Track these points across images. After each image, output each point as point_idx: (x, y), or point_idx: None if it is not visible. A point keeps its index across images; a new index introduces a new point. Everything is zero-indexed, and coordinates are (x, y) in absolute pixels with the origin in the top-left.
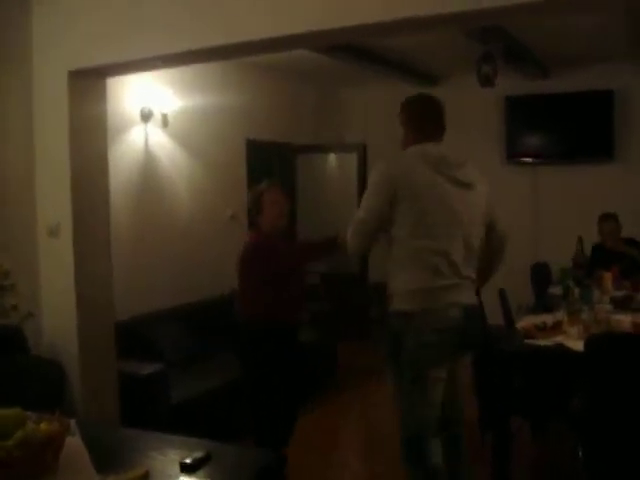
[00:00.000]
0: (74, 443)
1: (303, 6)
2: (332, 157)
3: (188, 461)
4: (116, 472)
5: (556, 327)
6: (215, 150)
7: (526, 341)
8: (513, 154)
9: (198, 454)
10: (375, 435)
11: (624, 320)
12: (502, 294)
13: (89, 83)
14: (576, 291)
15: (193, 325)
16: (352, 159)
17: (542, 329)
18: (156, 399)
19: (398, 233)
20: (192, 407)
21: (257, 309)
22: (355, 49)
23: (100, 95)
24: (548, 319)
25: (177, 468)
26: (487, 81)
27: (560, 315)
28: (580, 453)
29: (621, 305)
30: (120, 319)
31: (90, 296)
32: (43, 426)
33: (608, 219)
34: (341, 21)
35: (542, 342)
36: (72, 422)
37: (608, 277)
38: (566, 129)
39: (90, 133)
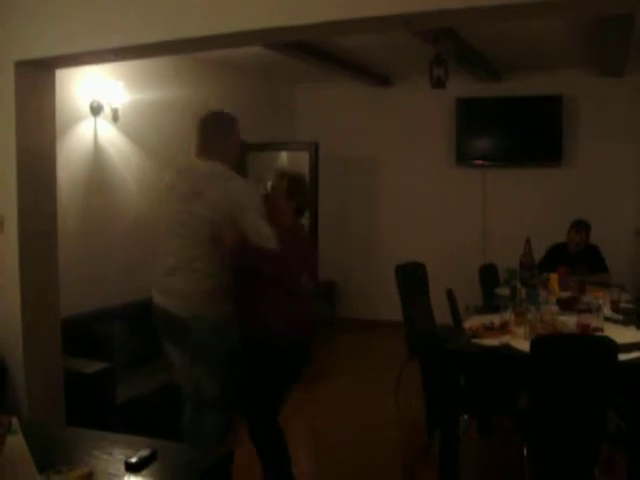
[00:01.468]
0: (15, 442)
1: (257, 3)
2: (284, 155)
3: (133, 460)
4: (59, 472)
5: (503, 327)
6: (166, 146)
7: (473, 341)
8: (463, 156)
9: (143, 453)
10: (320, 433)
11: (570, 321)
12: (450, 294)
13: (37, 74)
14: (523, 292)
15: (142, 323)
16: (304, 157)
17: (489, 329)
18: (102, 398)
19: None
20: (138, 406)
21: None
22: (310, 48)
23: (48, 87)
24: (495, 319)
25: (122, 467)
26: (439, 83)
27: (507, 315)
28: (525, 452)
29: (567, 306)
30: (67, 315)
31: (36, 292)
32: None
33: (581, 229)
34: (295, 19)
35: (489, 342)
36: (14, 420)
37: (555, 278)
38: (516, 132)
39: (37, 126)
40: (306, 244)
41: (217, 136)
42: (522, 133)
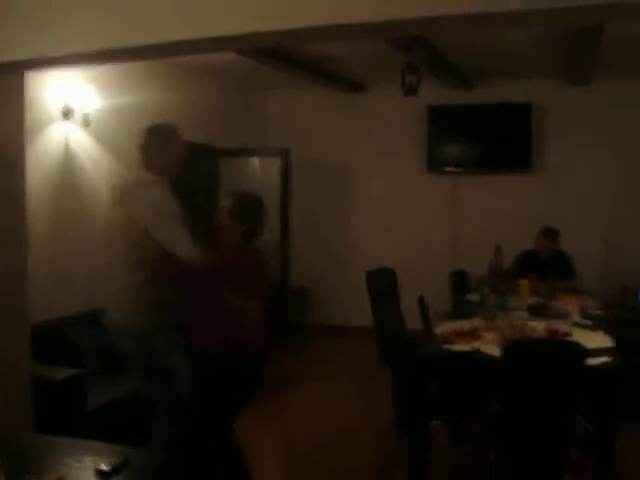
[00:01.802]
0: None
1: (231, 8)
2: (255, 161)
3: (104, 468)
4: None
5: (473, 333)
6: (137, 151)
7: (444, 346)
8: (434, 163)
9: (114, 460)
10: (294, 436)
11: (539, 326)
12: (421, 300)
13: (4, 78)
14: (492, 298)
15: None
16: (275, 163)
17: (460, 335)
18: (72, 405)
19: None
20: (109, 412)
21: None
22: (282, 54)
23: (17, 91)
24: (465, 325)
25: (92, 475)
26: (411, 90)
27: (477, 321)
28: (493, 456)
29: (536, 312)
30: (37, 321)
31: (4, 297)
32: None
33: (550, 235)
34: (269, 25)
35: (460, 347)
36: None
37: (524, 285)
38: (486, 140)
39: (6, 130)
40: (251, 268)
41: (153, 150)
42: (492, 140)
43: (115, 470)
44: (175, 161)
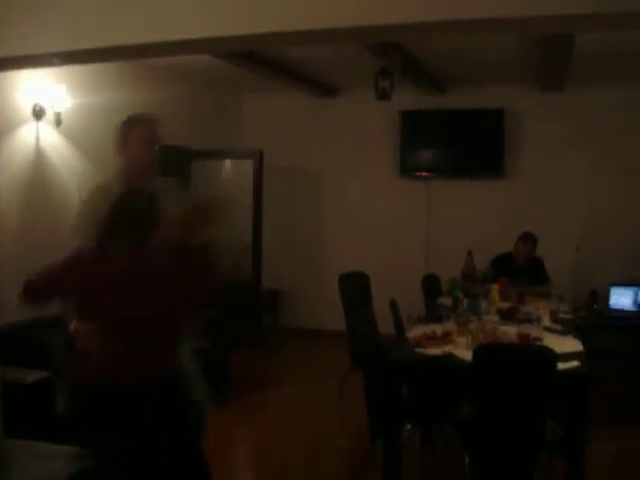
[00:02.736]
0: None
1: (206, 11)
2: (228, 163)
3: (75, 472)
4: None
5: (446, 337)
6: (109, 151)
7: (416, 350)
8: (407, 168)
9: (85, 464)
10: (269, 440)
11: (510, 331)
12: (393, 304)
13: None
14: (464, 302)
15: None
16: (248, 165)
17: (432, 339)
18: (41, 408)
19: None
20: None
21: None
22: (257, 57)
23: None
24: (438, 329)
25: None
26: (384, 95)
27: (449, 325)
28: (466, 459)
29: (507, 317)
30: (4, 323)
31: None
32: None
33: (528, 241)
34: (244, 29)
35: (432, 351)
36: None
37: (495, 289)
38: (459, 145)
39: None
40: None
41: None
42: (465, 145)
43: (85, 474)
44: (131, 160)
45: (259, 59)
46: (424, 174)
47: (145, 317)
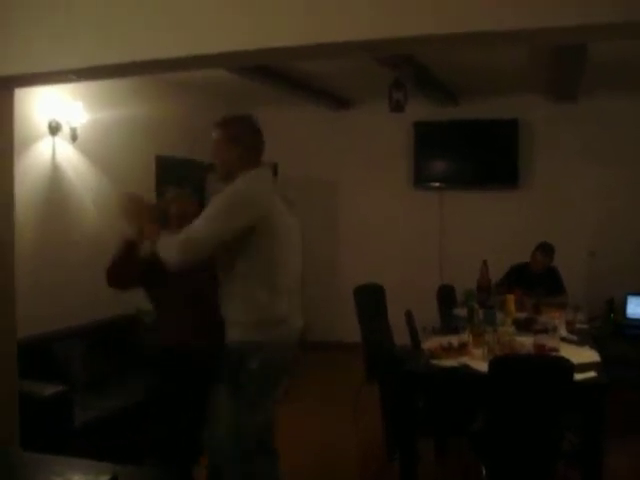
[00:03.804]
0: None
1: (221, 26)
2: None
3: None
4: None
5: (461, 348)
6: (124, 166)
7: (432, 362)
8: (421, 178)
9: (103, 478)
10: (281, 453)
11: (526, 342)
12: (409, 315)
13: None
14: (480, 313)
15: (100, 344)
16: None
17: (448, 350)
18: (59, 421)
19: (245, 265)
20: (98, 429)
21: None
22: (270, 71)
23: (7, 106)
24: (454, 340)
25: None
26: (398, 107)
27: (465, 336)
28: (483, 472)
29: (523, 327)
30: (23, 336)
31: None
32: None
33: (546, 251)
34: (257, 43)
35: (448, 362)
36: None
37: (511, 299)
38: (472, 155)
39: None
40: None
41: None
42: (479, 156)
43: None
44: None
45: (272, 73)
46: (438, 185)
47: None
